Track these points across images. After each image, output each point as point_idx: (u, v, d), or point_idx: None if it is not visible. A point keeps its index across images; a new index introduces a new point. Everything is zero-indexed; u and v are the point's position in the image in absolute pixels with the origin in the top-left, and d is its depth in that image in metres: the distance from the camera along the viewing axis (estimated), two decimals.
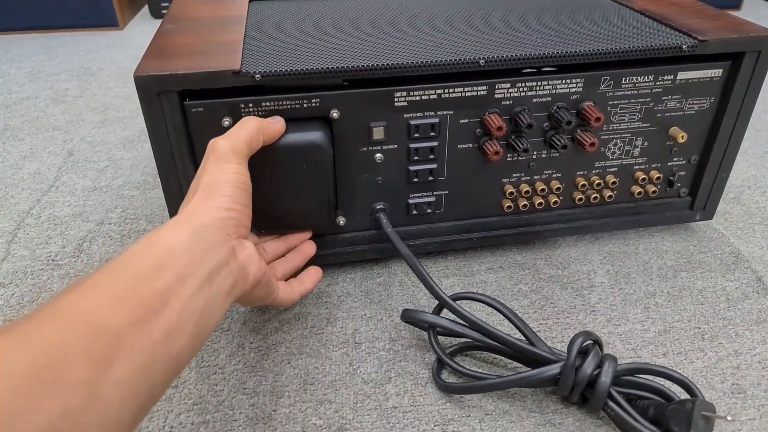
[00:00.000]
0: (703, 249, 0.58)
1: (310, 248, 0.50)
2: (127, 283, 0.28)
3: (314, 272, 0.48)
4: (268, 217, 0.47)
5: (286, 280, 0.45)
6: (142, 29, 1.33)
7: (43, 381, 0.23)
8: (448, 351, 0.45)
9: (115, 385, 0.25)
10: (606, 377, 0.39)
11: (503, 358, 0.45)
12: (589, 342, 0.41)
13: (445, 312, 0.45)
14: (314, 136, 0.44)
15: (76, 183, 0.69)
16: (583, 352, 0.41)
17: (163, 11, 1.38)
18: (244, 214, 0.37)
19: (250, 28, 0.51)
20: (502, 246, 0.58)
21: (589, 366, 0.39)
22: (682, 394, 0.40)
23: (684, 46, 0.47)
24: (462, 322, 0.43)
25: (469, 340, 0.44)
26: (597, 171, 0.54)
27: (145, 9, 1.48)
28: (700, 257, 0.57)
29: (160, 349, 0.28)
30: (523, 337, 0.43)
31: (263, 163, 0.44)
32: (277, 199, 0.46)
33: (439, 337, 0.46)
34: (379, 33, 0.50)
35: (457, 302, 0.44)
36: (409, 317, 0.46)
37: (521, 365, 0.44)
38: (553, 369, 0.40)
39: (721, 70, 0.50)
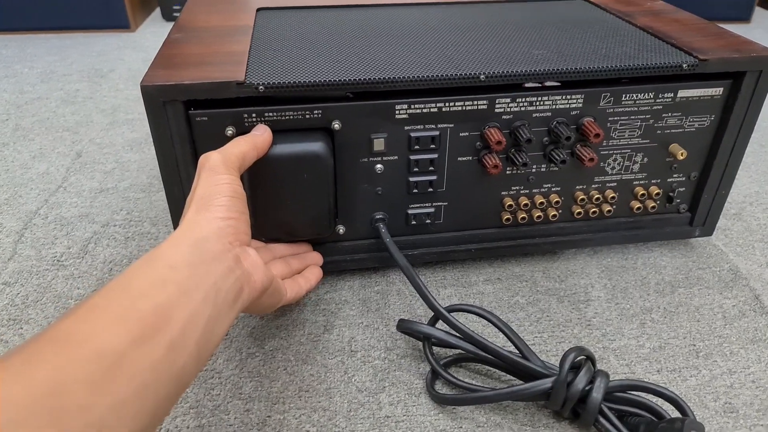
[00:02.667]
0: (701, 265, 0.58)
1: (314, 257, 0.51)
2: (126, 303, 0.28)
3: (316, 269, 0.50)
4: (270, 224, 0.48)
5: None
6: (153, 31, 1.34)
7: (41, 412, 0.23)
8: (443, 362, 0.46)
9: (115, 408, 0.25)
10: (597, 393, 0.39)
11: (497, 370, 0.46)
12: (581, 357, 0.41)
13: (440, 323, 0.46)
14: (315, 146, 0.45)
15: (83, 184, 0.70)
16: (576, 367, 0.41)
17: (175, 14, 1.40)
18: (241, 221, 0.37)
19: (256, 38, 0.52)
20: (501, 257, 0.59)
21: (580, 381, 0.40)
22: (674, 412, 0.40)
23: (684, 65, 0.47)
24: (456, 333, 0.44)
25: (464, 351, 0.44)
26: (596, 185, 0.54)
27: (157, 11, 1.49)
28: (699, 273, 0.57)
29: (163, 366, 0.28)
30: (516, 351, 0.43)
31: (266, 173, 0.45)
32: (278, 208, 0.47)
33: (435, 348, 0.46)
34: (382, 46, 0.50)
35: (453, 314, 0.45)
36: (405, 327, 0.46)
37: (514, 378, 0.44)
38: (545, 383, 0.40)
39: (721, 89, 0.50)
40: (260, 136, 0.43)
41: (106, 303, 0.28)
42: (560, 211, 0.55)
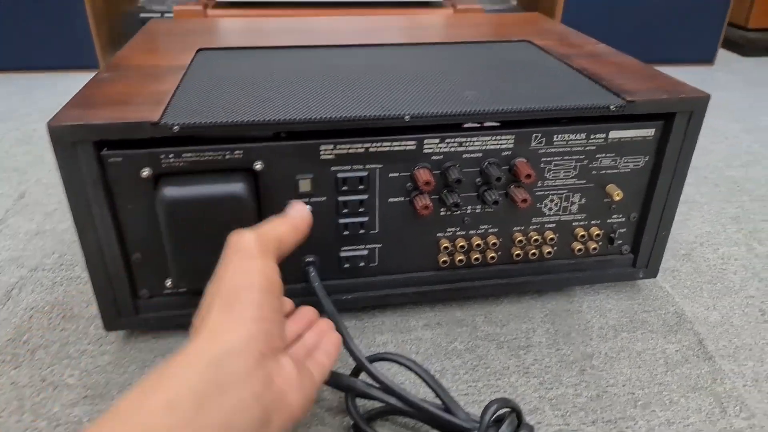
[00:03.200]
0: (647, 308, 0.57)
1: (324, 322, 0.42)
2: None
3: (332, 336, 0.41)
4: (190, 272, 0.46)
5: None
6: None
7: None
8: (368, 415, 0.43)
9: None
10: None
11: (423, 423, 0.43)
12: (505, 410, 0.39)
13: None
14: (235, 187, 0.43)
15: (20, 226, 0.68)
16: (501, 420, 0.39)
17: None
18: (276, 323, 0.31)
19: (187, 78, 0.51)
20: (443, 301, 0.57)
21: None
22: None
23: (612, 106, 0.47)
24: (377, 385, 0.42)
25: (387, 404, 0.42)
26: (535, 227, 0.53)
27: None
28: (643, 317, 0.55)
29: None
30: (440, 402, 0.41)
31: (183, 216, 0.43)
32: (198, 253, 0.45)
33: (366, 399, 0.44)
34: (313, 87, 0.50)
35: (376, 363, 0.43)
36: (328, 378, 0.44)
37: None
38: None
39: (653, 130, 0.50)
40: (297, 216, 0.39)
41: None
42: (499, 253, 0.53)
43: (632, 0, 1.34)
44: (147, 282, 0.49)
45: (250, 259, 0.32)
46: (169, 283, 0.49)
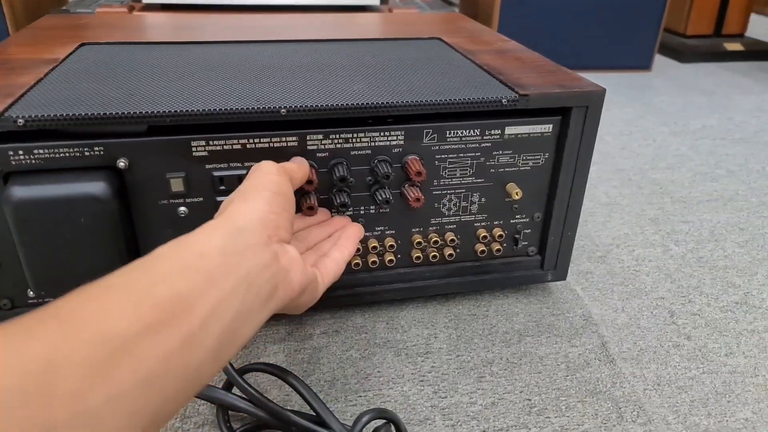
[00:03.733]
0: (555, 311, 0.55)
1: (356, 231, 0.45)
2: (143, 286, 0.25)
3: (353, 230, 0.45)
4: (49, 277, 0.42)
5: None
6: None
7: (29, 391, 0.20)
8: (241, 430, 0.40)
9: (111, 400, 0.22)
10: None
11: None
12: (381, 421, 0.37)
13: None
14: (91, 187, 0.40)
15: None
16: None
17: None
18: (283, 218, 0.35)
19: (57, 71, 0.48)
20: (344, 307, 0.54)
21: None
22: None
23: (504, 100, 0.45)
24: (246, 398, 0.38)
25: (259, 418, 0.39)
26: (434, 228, 0.51)
27: None
28: (550, 320, 0.54)
29: (175, 360, 0.24)
30: (313, 414, 0.38)
31: (37, 219, 0.39)
32: (57, 258, 0.41)
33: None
34: (191, 82, 0.47)
35: (249, 374, 0.39)
36: (199, 392, 0.41)
37: None
38: None
39: (550, 126, 0.48)
40: (299, 160, 0.43)
41: (121, 284, 0.25)
42: (398, 256, 0.51)
43: (568, 7, 1.35)
44: (7, 291, 0.45)
45: (267, 174, 0.37)
46: (31, 292, 0.45)
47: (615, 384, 0.46)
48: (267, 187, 0.36)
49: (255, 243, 0.31)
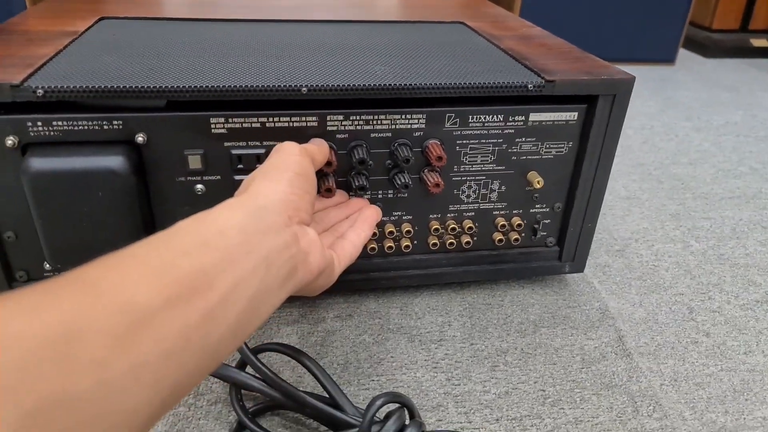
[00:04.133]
0: (571, 304, 0.54)
1: (374, 214, 0.45)
2: (166, 258, 0.25)
3: (370, 213, 0.45)
4: (65, 249, 0.42)
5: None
6: None
7: (50, 357, 0.19)
8: (253, 409, 0.40)
9: (134, 370, 0.21)
10: None
11: (311, 419, 0.40)
12: (394, 405, 0.36)
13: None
14: (111, 161, 0.40)
15: None
16: (390, 416, 0.36)
17: None
18: (305, 200, 0.35)
19: (77, 44, 0.47)
20: (358, 292, 0.54)
21: None
22: None
23: (530, 85, 0.44)
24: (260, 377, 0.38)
25: (272, 398, 0.39)
26: (452, 215, 0.50)
27: None
28: (566, 312, 0.53)
29: (196, 334, 0.24)
30: (327, 396, 0.38)
31: (55, 191, 0.39)
32: (73, 230, 0.41)
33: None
34: (213, 58, 0.46)
35: (262, 354, 0.39)
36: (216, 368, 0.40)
37: (328, 428, 0.39)
38: None
39: (576, 113, 0.47)
40: (319, 141, 0.43)
41: (143, 254, 0.25)
42: (415, 242, 0.50)
43: None
44: (24, 263, 0.45)
45: (290, 154, 0.36)
46: (47, 265, 0.45)
47: (631, 378, 0.46)
48: (290, 167, 0.35)
49: (276, 223, 0.31)
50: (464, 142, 0.47)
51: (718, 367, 0.48)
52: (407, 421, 0.36)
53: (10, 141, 0.39)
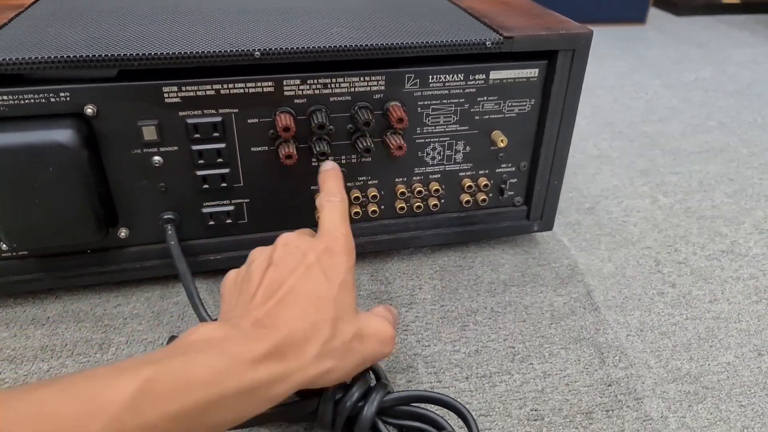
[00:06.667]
0: (541, 262, 0.54)
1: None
2: None
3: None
4: (20, 231, 0.41)
5: None
6: None
7: None
8: None
9: None
10: (369, 409, 0.34)
11: None
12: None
13: None
14: (58, 134, 0.38)
15: None
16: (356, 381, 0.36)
17: None
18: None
19: (23, 17, 0.46)
20: None
21: (350, 397, 0.34)
22: (460, 422, 0.35)
23: (488, 42, 0.44)
24: None
25: None
26: (418, 178, 0.50)
27: None
28: (536, 270, 0.53)
29: None
30: None
31: (7, 167, 0.38)
32: (25, 210, 0.40)
33: None
34: (165, 25, 0.45)
35: None
36: None
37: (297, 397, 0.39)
38: (311, 404, 0.35)
39: (536, 70, 0.47)
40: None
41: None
42: (382, 207, 0.50)
43: None
44: None
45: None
46: (4, 245, 0.44)
47: (598, 331, 0.46)
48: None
49: None
50: (426, 103, 0.46)
51: (683, 316, 0.48)
52: (372, 384, 0.36)
53: None
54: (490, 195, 0.52)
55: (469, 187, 0.51)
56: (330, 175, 0.41)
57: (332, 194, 0.39)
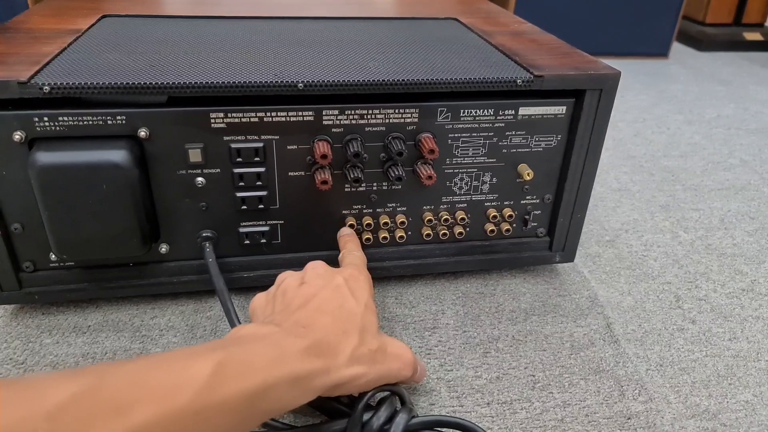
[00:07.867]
0: (562, 293, 0.56)
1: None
2: None
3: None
4: (71, 242, 0.43)
5: None
6: None
7: None
8: None
9: None
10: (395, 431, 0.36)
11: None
12: (385, 393, 0.38)
13: None
14: (114, 155, 0.41)
15: None
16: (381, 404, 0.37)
17: None
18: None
19: (80, 42, 0.49)
20: None
21: (377, 420, 0.36)
22: None
23: (518, 80, 0.46)
24: None
25: None
26: (445, 206, 0.51)
27: None
28: (557, 301, 0.54)
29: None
30: None
31: (60, 184, 0.40)
32: (78, 223, 0.42)
33: None
34: (213, 54, 0.48)
35: None
36: None
37: (320, 413, 0.40)
38: (340, 424, 0.36)
39: (564, 108, 0.49)
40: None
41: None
42: (409, 233, 0.52)
43: None
44: (30, 254, 0.46)
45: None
46: (53, 256, 0.46)
47: (618, 363, 0.47)
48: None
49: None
50: (456, 135, 0.48)
51: (703, 353, 0.49)
52: (398, 407, 0.37)
53: (17, 136, 0.40)
54: (514, 225, 0.54)
55: (494, 216, 0.52)
56: (349, 238, 0.48)
57: (352, 251, 0.46)
